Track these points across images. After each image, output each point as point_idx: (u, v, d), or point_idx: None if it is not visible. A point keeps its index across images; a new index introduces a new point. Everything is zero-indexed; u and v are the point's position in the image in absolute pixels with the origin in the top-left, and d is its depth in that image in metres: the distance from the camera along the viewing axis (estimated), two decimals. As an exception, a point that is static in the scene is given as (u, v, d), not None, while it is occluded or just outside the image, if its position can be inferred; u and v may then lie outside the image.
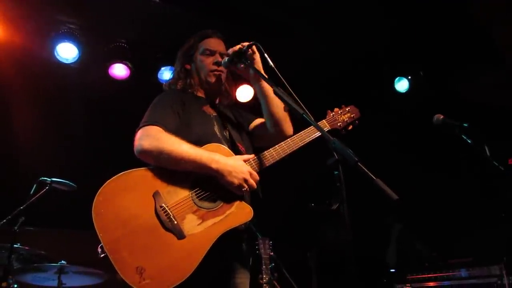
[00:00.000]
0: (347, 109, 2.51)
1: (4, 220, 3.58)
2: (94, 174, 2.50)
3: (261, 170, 2.19)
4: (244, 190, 2.11)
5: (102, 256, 1.91)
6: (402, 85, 5.50)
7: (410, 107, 5.53)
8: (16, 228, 3.64)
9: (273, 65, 2.08)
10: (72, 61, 4.69)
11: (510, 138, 4.35)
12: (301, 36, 4.92)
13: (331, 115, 2.47)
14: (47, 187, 3.81)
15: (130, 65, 4.87)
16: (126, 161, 2.09)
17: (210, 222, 2.04)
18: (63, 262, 3.80)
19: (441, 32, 4.85)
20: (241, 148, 2.35)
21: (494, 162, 2.85)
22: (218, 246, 2.00)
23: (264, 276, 3.84)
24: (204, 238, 2.00)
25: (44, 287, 4.11)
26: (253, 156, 2.21)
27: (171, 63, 3.99)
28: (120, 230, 1.95)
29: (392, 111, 5.68)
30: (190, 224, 2.01)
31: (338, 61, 5.23)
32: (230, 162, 2.10)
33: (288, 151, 2.25)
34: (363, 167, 1.60)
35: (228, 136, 2.36)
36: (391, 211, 5.64)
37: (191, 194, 2.08)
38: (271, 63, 2.08)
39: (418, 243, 5.41)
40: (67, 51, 4.63)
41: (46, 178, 3.82)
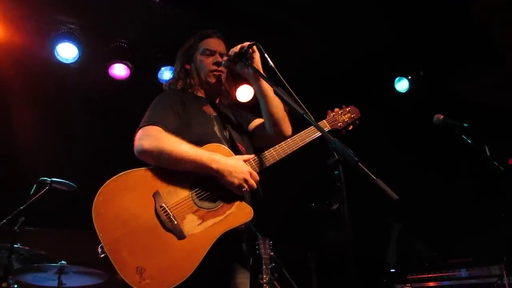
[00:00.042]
0: (347, 109, 2.51)
1: (4, 220, 3.58)
2: (94, 174, 2.50)
3: (261, 170, 2.19)
4: (244, 190, 2.11)
5: (102, 256, 1.91)
6: (402, 85, 5.50)
7: (410, 107, 5.53)
8: (16, 228, 3.64)
9: (273, 65, 2.07)
10: (72, 61, 4.69)
11: (510, 138, 4.35)
12: (301, 36, 4.92)
13: (331, 115, 2.46)
14: (47, 187, 3.81)
15: (130, 65, 4.87)
16: (126, 161, 2.09)
17: (210, 222, 2.04)
18: (63, 262, 3.80)
19: (441, 32, 4.85)
20: (241, 148, 2.35)
21: (494, 162, 2.84)
22: (218, 246, 2.00)
23: (264, 276, 3.84)
24: (204, 238, 2.00)
25: (44, 287, 4.11)
26: (253, 156, 2.21)
27: (171, 63, 3.99)
28: (120, 230, 1.95)
29: (392, 111, 5.68)
30: (190, 224, 2.01)
31: (338, 61, 5.23)
32: (230, 162, 2.10)
33: (288, 151, 2.24)
34: (363, 167, 1.60)
35: (228, 136, 2.35)
36: (391, 211, 5.63)
37: (191, 194, 2.08)
38: (272, 63, 2.08)
39: (418, 243, 5.41)
40: (67, 51, 4.63)
41: (46, 178, 3.82)
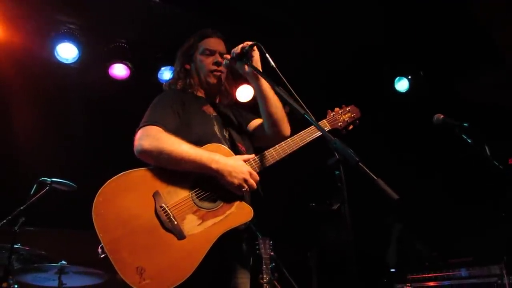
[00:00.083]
0: (347, 108, 2.49)
1: (4, 221, 3.58)
2: (94, 174, 2.50)
3: (261, 170, 2.18)
4: (244, 190, 2.10)
5: (103, 256, 1.91)
6: (402, 85, 5.50)
7: (410, 107, 5.53)
8: (17, 228, 3.64)
9: (274, 65, 2.06)
10: (72, 61, 4.69)
11: (510, 138, 4.35)
12: (301, 36, 4.92)
13: (332, 114, 2.45)
14: (47, 187, 3.81)
15: (130, 65, 4.87)
16: (126, 161, 2.09)
17: (210, 222, 2.03)
18: (63, 262, 3.79)
19: (441, 32, 4.84)
20: (241, 148, 2.35)
21: (494, 162, 2.84)
22: (218, 246, 2.00)
23: (265, 276, 3.84)
24: (204, 238, 2.00)
25: (44, 287, 4.11)
26: (253, 156, 2.21)
27: (171, 63, 3.98)
28: (120, 230, 1.95)
29: (392, 111, 5.68)
30: (190, 224, 2.01)
31: (338, 61, 5.23)
32: (230, 162, 2.09)
33: (288, 151, 2.24)
34: (364, 167, 1.60)
35: (228, 136, 2.35)
36: (392, 211, 5.63)
37: (191, 194, 2.08)
38: (273, 63, 2.06)
39: (418, 243, 5.41)
40: (67, 51, 4.62)
41: (46, 178, 3.82)
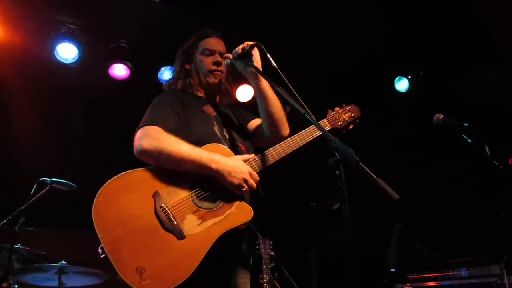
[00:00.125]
0: (348, 108, 2.49)
1: (4, 221, 3.58)
2: (94, 174, 2.50)
3: (261, 170, 2.18)
4: (244, 190, 2.10)
5: (103, 256, 1.91)
6: (402, 85, 5.50)
7: (410, 107, 5.53)
8: (17, 228, 3.64)
9: (275, 65, 2.05)
10: (72, 61, 4.69)
11: (510, 138, 4.35)
12: (301, 36, 4.92)
13: (332, 114, 2.44)
14: (47, 187, 3.81)
15: (130, 65, 4.87)
16: (126, 161, 2.09)
17: (210, 222, 2.03)
18: (63, 262, 3.79)
19: (441, 32, 4.84)
20: (241, 147, 2.35)
21: (494, 162, 2.84)
22: (218, 246, 2.00)
23: (265, 276, 3.84)
24: (204, 238, 1.99)
25: (44, 287, 4.11)
26: (253, 156, 2.20)
27: (171, 63, 3.96)
28: (120, 230, 1.95)
29: (392, 111, 5.68)
30: (190, 224, 2.01)
31: (338, 61, 5.23)
32: (229, 162, 2.09)
33: (288, 151, 2.23)
34: (364, 167, 1.60)
35: (228, 135, 2.34)
36: (392, 211, 5.63)
37: (191, 194, 2.08)
38: (274, 63, 2.05)
39: (418, 243, 5.41)
40: (67, 51, 4.62)
41: (46, 178, 3.82)
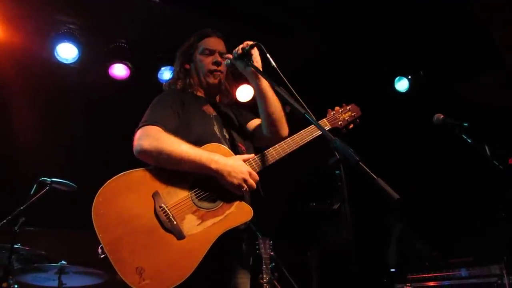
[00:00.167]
0: (348, 107, 2.48)
1: (4, 221, 3.58)
2: (94, 174, 2.50)
3: (261, 170, 2.18)
4: (243, 190, 2.10)
5: (102, 256, 1.91)
6: (402, 85, 5.50)
7: (410, 107, 5.53)
8: (17, 228, 3.64)
9: (275, 65, 2.05)
10: (72, 61, 4.69)
11: (510, 138, 4.35)
12: (301, 36, 4.92)
13: (332, 113, 2.43)
14: (47, 187, 3.81)
15: (130, 65, 4.87)
16: (126, 161, 2.09)
17: (210, 222, 2.03)
18: (63, 262, 3.79)
19: (441, 32, 4.84)
20: (241, 147, 2.34)
21: (494, 162, 2.84)
22: (218, 246, 2.00)
23: (265, 276, 3.84)
24: (203, 238, 1.99)
25: (44, 287, 4.11)
26: (253, 155, 2.20)
27: (171, 63, 3.95)
28: (120, 230, 1.95)
29: (392, 111, 5.68)
30: (190, 224, 2.01)
31: (338, 61, 5.23)
32: (229, 162, 2.09)
33: (288, 151, 2.23)
34: (364, 167, 1.59)
35: (228, 135, 2.34)
36: (392, 211, 5.63)
37: (191, 194, 2.08)
38: (274, 63, 2.05)
39: (418, 243, 5.41)
40: (67, 51, 4.62)
41: (46, 178, 3.82)
